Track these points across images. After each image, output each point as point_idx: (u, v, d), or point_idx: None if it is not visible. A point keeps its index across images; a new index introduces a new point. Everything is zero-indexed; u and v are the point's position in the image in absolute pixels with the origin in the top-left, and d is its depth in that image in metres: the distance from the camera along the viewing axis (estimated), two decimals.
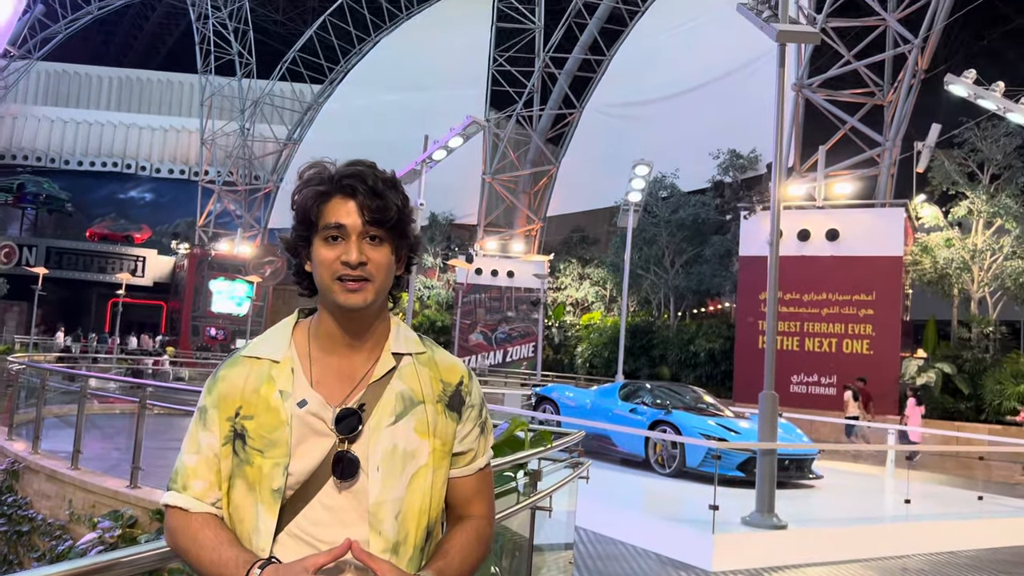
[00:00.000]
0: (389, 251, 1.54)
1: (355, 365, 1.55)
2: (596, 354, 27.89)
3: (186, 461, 1.52)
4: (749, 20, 9.71)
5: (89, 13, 44.64)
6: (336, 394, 1.52)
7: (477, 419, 1.64)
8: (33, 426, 9.85)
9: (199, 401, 1.55)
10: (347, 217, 1.49)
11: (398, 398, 1.53)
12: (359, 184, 1.50)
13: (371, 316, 1.56)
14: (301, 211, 1.54)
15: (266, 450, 1.47)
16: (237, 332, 37.03)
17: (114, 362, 27.74)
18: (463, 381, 1.63)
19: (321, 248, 1.51)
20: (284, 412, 1.48)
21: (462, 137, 16.53)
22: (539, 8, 37.53)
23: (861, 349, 20.46)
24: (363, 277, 1.49)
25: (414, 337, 1.63)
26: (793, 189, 22.12)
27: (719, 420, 11.56)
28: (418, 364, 1.59)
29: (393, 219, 1.52)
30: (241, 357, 1.57)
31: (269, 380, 1.51)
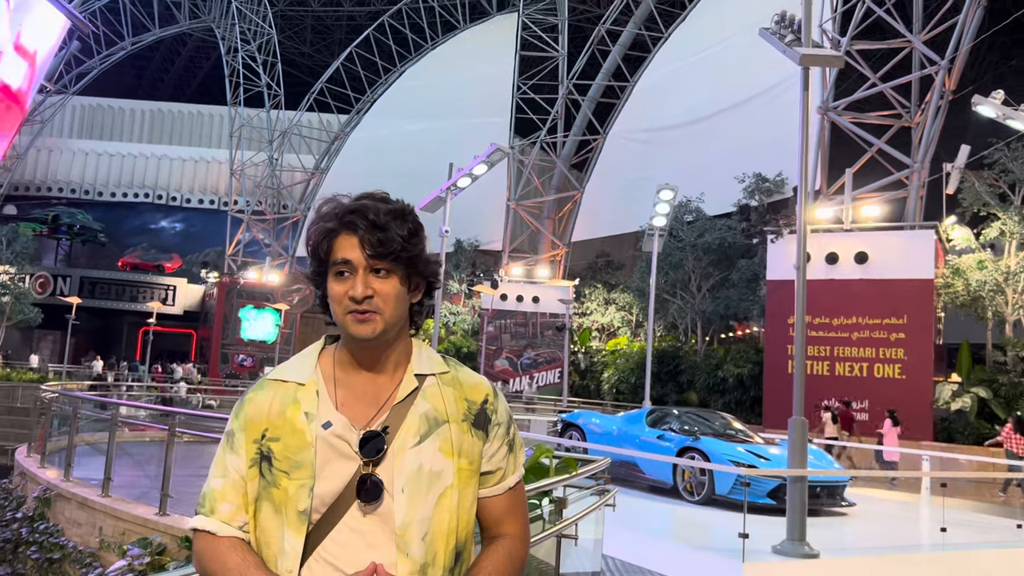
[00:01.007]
0: (398, 282, 1.54)
1: (379, 387, 1.57)
2: (623, 380, 27.70)
3: (213, 485, 1.53)
4: (772, 45, 9.72)
5: (123, 48, 45.82)
6: (360, 416, 1.53)
7: (504, 437, 1.63)
8: (65, 454, 9.97)
9: (227, 425, 1.57)
10: (351, 252, 1.52)
11: (422, 419, 1.54)
12: (359, 219, 1.51)
13: (386, 345, 1.57)
14: (312, 247, 1.57)
15: (292, 472, 1.48)
16: (265, 360, 37.31)
17: (144, 390, 28.04)
18: (488, 399, 1.62)
19: (332, 283, 1.54)
20: (309, 434, 1.49)
21: (486, 165, 16.64)
22: (562, 37, 37.87)
23: (893, 373, 20.14)
24: (371, 310, 1.51)
25: (437, 358, 1.65)
26: (820, 212, 21.96)
27: (748, 447, 11.39)
28: (442, 384, 1.59)
29: (396, 251, 1.52)
30: (267, 380, 1.59)
31: (295, 402, 1.53)
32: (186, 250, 47.21)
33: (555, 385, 31.03)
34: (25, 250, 36.72)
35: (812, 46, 9.02)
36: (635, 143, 34.72)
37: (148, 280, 42.39)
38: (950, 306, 21.26)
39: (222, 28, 45.32)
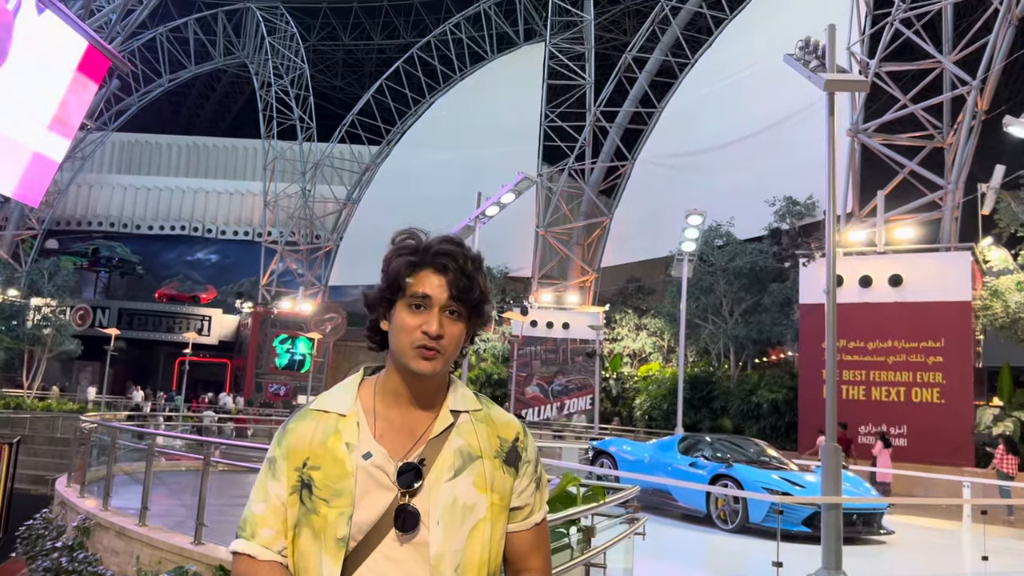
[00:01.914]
0: (464, 327, 1.63)
1: (416, 421, 1.63)
2: (655, 406, 27.48)
3: (255, 509, 1.59)
4: (796, 71, 9.75)
5: (160, 86, 47.05)
6: (398, 448, 1.59)
7: (533, 474, 1.70)
8: (104, 483, 10.14)
9: (269, 452, 1.63)
10: (434, 290, 1.59)
11: (456, 453, 1.60)
12: (451, 263, 1.61)
13: (436, 381, 1.64)
14: (392, 276, 1.63)
15: (331, 499, 1.53)
16: (299, 388, 37.64)
17: (180, 419, 28.41)
18: (519, 437, 1.69)
19: (404, 313, 1.60)
20: (350, 463, 1.55)
21: (514, 193, 16.76)
22: (589, 65, 38.17)
23: (931, 398, 19.75)
24: (437, 348, 1.58)
25: (471, 395, 1.72)
26: (853, 235, 21.75)
27: (783, 474, 11.25)
28: (475, 421, 1.66)
29: (475, 299, 1.63)
30: (310, 411, 1.65)
31: (336, 432, 1.59)
32: (221, 281, 47.98)
33: (586, 412, 30.89)
34: (66, 283, 37.62)
35: (838, 70, 9.03)
36: (663, 168, 34.74)
37: (184, 311, 43.09)
38: (989, 328, 20.83)
39: (256, 63, 46.40)
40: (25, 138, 14.42)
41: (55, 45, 13.93)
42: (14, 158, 13.87)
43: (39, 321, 33.92)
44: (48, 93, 13.12)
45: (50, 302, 35.29)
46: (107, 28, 19.53)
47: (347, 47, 50.75)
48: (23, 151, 13.94)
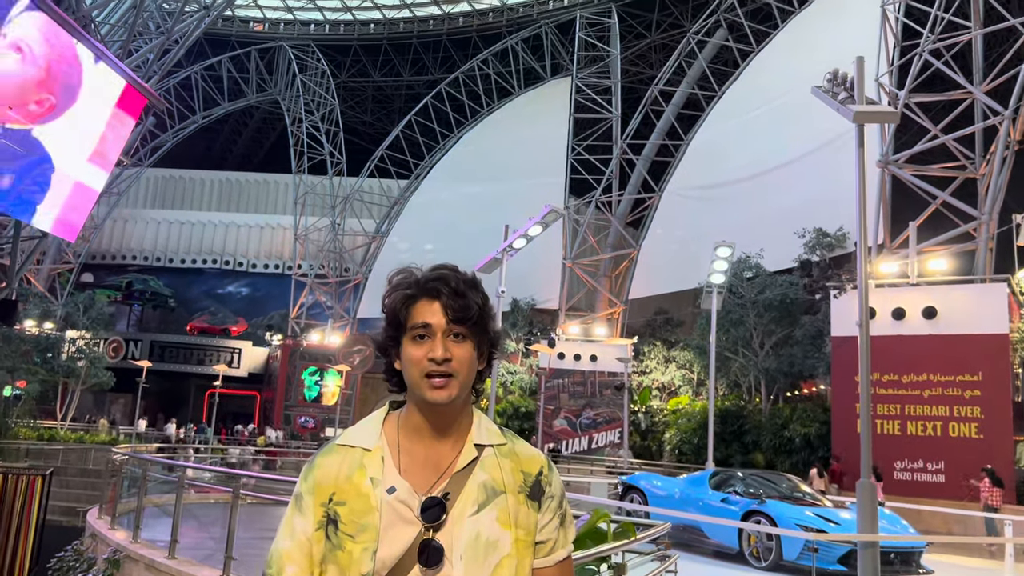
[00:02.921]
0: (472, 347, 1.62)
1: (440, 455, 1.62)
2: (685, 440, 27.13)
3: (281, 546, 1.59)
4: (825, 103, 9.73)
5: (194, 122, 48.12)
6: (422, 483, 1.58)
7: (557, 510, 1.67)
8: (134, 515, 10.19)
9: (296, 488, 1.63)
10: (432, 317, 1.59)
11: (480, 488, 1.59)
12: (443, 286, 1.60)
13: (455, 410, 1.63)
14: (391, 313, 1.64)
15: (357, 535, 1.53)
16: (327, 421, 37.72)
17: (209, 452, 28.56)
18: (543, 471, 1.67)
19: (409, 347, 1.60)
20: (374, 498, 1.55)
21: (541, 225, 16.80)
22: (615, 98, 38.42)
23: (969, 433, 19.28)
24: (448, 373, 1.57)
25: (495, 429, 1.70)
26: (885, 267, 21.48)
27: (817, 510, 11.01)
28: (499, 455, 1.65)
29: (474, 317, 1.61)
30: (335, 446, 1.65)
31: (361, 468, 1.59)
32: (252, 314, 48.49)
33: (615, 446, 30.56)
34: (100, 316, 38.24)
35: (867, 102, 8.99)
36: (691, 200, 34.69)
37: (215, 343, 43.54)
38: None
39: (287, 100, 47.32)
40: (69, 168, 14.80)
41: (98, 83, 14.35)
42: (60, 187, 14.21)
43: (73, 353, 34.44)
44: (90, 128, 13.47)
45: (84, 335, 35.86)
46: (144, 67, 20.06)
47: (377, 83, 51.61)
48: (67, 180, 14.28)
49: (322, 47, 47.51)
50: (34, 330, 34.97)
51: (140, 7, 18.04)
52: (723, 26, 36.26)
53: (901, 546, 10.43)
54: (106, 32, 18.86)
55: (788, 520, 10.46)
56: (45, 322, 36.40)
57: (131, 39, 18.67)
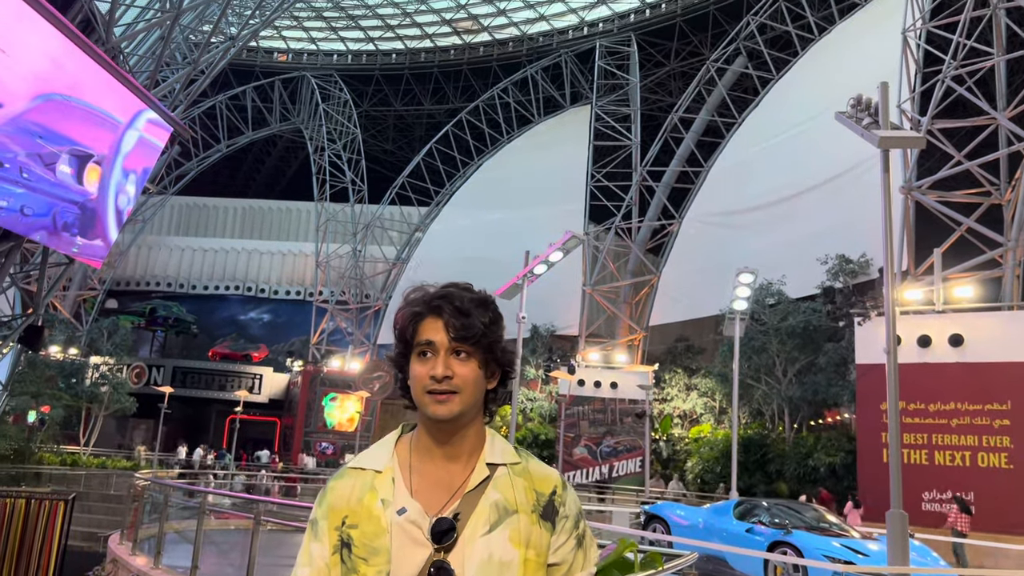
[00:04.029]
0: (476, 366, 1.61)
1: (452, 475, 1.61)
2: (707, 469, 26.80)
3: (300, 573, 1.59)
4: (849, 128, 9.69)
5: (218, 151, 48.82)
6: (434, 503, 1.57)
7: (572, 531, 1.63)
8: (155, 541, 10.20)
9: (312, 513, 1.64)
10: (435, 334, 1.60)
11: (493, 507, 1.57)
12: (446, 304, 1.61)
13: (462, 427, 1.62)
14: (400, 330, 1.66)
15: (369, 558, 1.52)
16: (347, 447, 37.68)
17: (231, 478, 28.58)
18: (556, 491, 1.64)
19: (415, 363, 1.61)
20: (385, 520, 1.55)
21: (562, 252, 16.82)
22: (635, 126, 38.57)
23: (999, 463, 18.88)
24: (450, 390, 1.57)
25: (509, 449, 1.68)
26: (909, 294, 21.23)
27: (844, 541, 10.81)
28: (513, 474, 1.63)
29: (476, 335, 1.60)
30: (348, 469, 1.66)
31: (372, 490, 1.59)
32: (273, 340, 48.74)
33: (636, 474, 30.22)
34: (124, 342, 38.62)
35: (891, 128, 8.95)
36: (712, 227, 34.60)
37: (236, 369, 43.75)
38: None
39: (310, 129, 47.93)
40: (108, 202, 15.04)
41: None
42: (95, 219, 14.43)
43: (97, 379, 34.74)
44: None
45: (108, 360, 36.19)
46: (170, 97, 20.42)
47: (398, 112, 52.18)
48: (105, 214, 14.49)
49: (345, 77, 48.18)
50: (59, 356, 35.35)
51: (168, 38, 18.40)
52: (743, 54, 36.37)
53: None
54: (134, 63, 19.23)
55: (815, 551, 10.27)
56: (70, 348, 36.80)
57: (158, 70, 19.02)
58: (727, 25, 38.16)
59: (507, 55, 47.17)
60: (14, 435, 28.99)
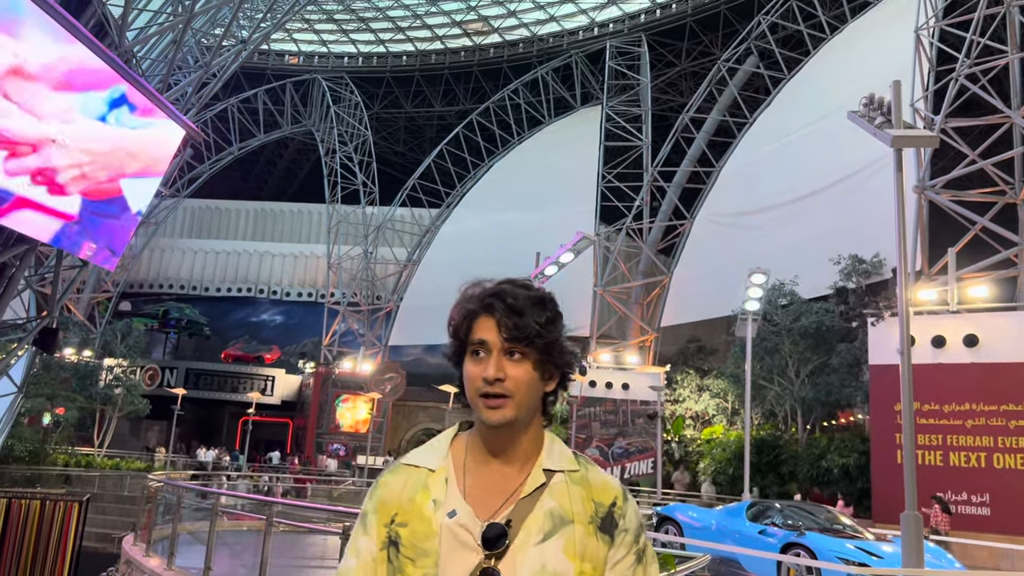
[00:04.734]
0: (530, 367, 1.53)
1: (507, 479, 1.55)
2: (720, 470, 26.69)
3: (347, 565, 1.55)
4: (861, 127, 9.63)
5: (231, 153, 49.05)
6: (486, 507, 1.51)
7: (632, 545, 1.56)
8: (169, 542, 10.24)
9: (362, 506, 1.59)
10: (488, 334, 1.52)
11: (547, 516, 1.50)
12: (498, 302, 1.53)
13: (516, 432, 1.55)
14: (453, 328, 1.58)
15: (417, 559, 1.47)
16: (358, 448, 37.75)
17: (241, 479, 28.69)
18: (616, 502, 1.57)
19: (468, 363, 1.55)
20: (435, 522, 1.49)
21: (573, 253, 16.83)
22: (646, 127, 38.48)
23: (1015, 464, 18.71)
24: (501, 393, 1.50)
25: (568, 454, 1.61)
26: (923, 294, 21.08)
27: (858, 543, 10.74)
28: (570, 482, 1.56)
29: (530, 336, 1.52)
30: (401, 465, 1.60)
31: (424, 488, 1.53)
32: (285, 341, 48.90)
33: (648, 476, 30.14)
34: (137, 344, 38.85)
35: (904, 127, 8.88)
36: (723, 227, 34.46)
37: (249, 371, 43.93)
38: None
39: (321, 131, 48.10)
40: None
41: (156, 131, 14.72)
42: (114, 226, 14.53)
43: (111, 381, 34.96)
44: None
45: (122, 362, 36.41)
46: (183, 100, 20.52)
47: (409, 114, 52.30)
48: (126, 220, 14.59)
49: (355, 79, 48.34)
50: (73, 358, 35.59)
51: (180, 42, 18.50)
52: (754, 53, 36.24)
53: None
54: (147, 67, 19.35)
55: (828, 553, 10.20)
56: (84, 350, 37.05)
57: (171, 73, 19.13)
58: (738, 24, 38.06)
59: (517, 56, 47.21)
60: (29, 437, 29.23)
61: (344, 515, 9.33)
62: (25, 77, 11.81)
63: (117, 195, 15.10)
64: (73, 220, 14.07)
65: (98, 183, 14.35)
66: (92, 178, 14.05)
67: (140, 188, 16.01)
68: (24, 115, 11.96)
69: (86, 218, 14.45)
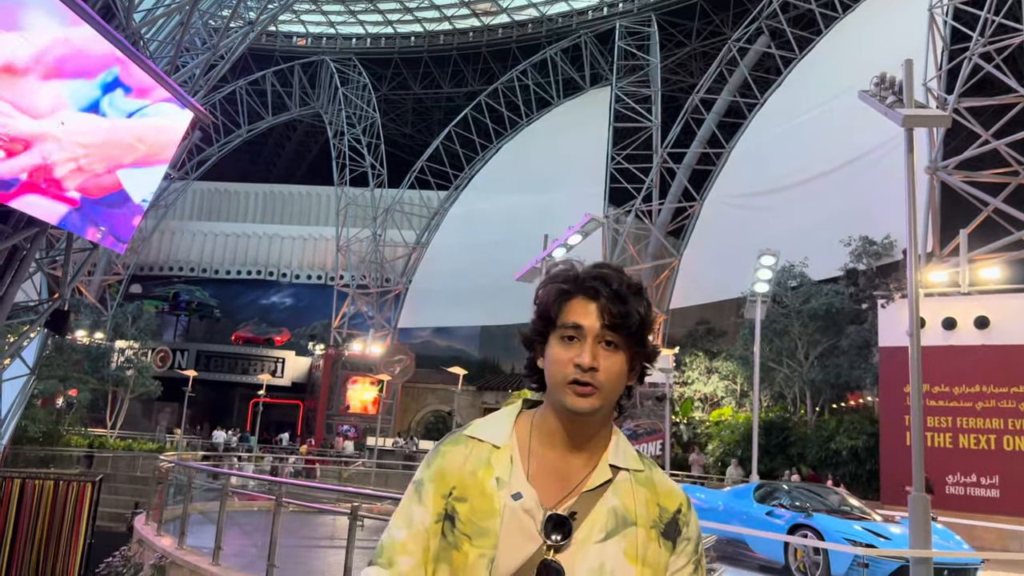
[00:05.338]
0: (624, 359, 1.47)
1: (572, 469, 1.48)
2: (728, 452, 26.72)
3: (395, 535, 1.45)
4: (872, 107, 9.53)
5: (239, 136, 49.07)
6: (550, 495, 1.45)
7: (692, 555, 1.51)
8: (180, 522, 10.35)
9: (416, 474, 1.51)
10: (586, 318, 1.45)
11: (610, 514, 1.45)
12: (603, 287, 1.46)
13: (595, 423, 1.49)
14: (543, 306, 1.51)
15: (475, 538, 1.40)
16: (368, 430, 37.97)
17: (253, 460, 28.92)
18: (681, 509, 1.52)
19: (556, 347, 1.47)
20: (498, 501, 1.42)
21: (581, 234, 16.78)
22: (655, 107, 38.22)
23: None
24: (593, 383, 1.43)
25: (633, 453, 1.56)
26: (934, 275, 20.96)
27: (866, 524, 10.74)
28: (635, 482, 1.50)
29: (633, 327, 1.46)
30: (463, 436, 1.52)
31: (488, 465, 1.46)
32: (295, 324, 49.12)
33: (657, 458, 30.19)
34: (148, 326, 39.10)
35: (915, 106, 8.78)
36: (733, 208, 34.29)
37: (259, 353, 44.17)
38: None
39: (330, 113, 48.01)
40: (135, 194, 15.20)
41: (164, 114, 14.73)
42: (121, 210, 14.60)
43: (122, 363, 35.22)
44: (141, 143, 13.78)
45: (133, 344, 36.66)
46: (191, 82, 20.50)
47: (417, 96, 52.11)
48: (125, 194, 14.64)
49: (363, 60, 48.15)
50: (85, 340, 35.85)
51: (187, 24, 18.44)
52: (765, 33, 35.88)
53: (955, 563, 10.11)
54: (154, 48, 19.31)
55: (836, 534, 10.21)
56: (96, 332, 37.30)
57: (178, 55, 19.09)
58: (749, 4, 37.62)
59: (526, 36, 46.86)
60: (43, 418, 29.51)
61: (352, 495, 9.39)
62: (15, 73, 11.79)
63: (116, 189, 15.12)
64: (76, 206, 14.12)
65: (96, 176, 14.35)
66: (89, 171, 14.05)
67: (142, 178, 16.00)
68: (15, 112, 11.96)
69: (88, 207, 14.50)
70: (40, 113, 12.59)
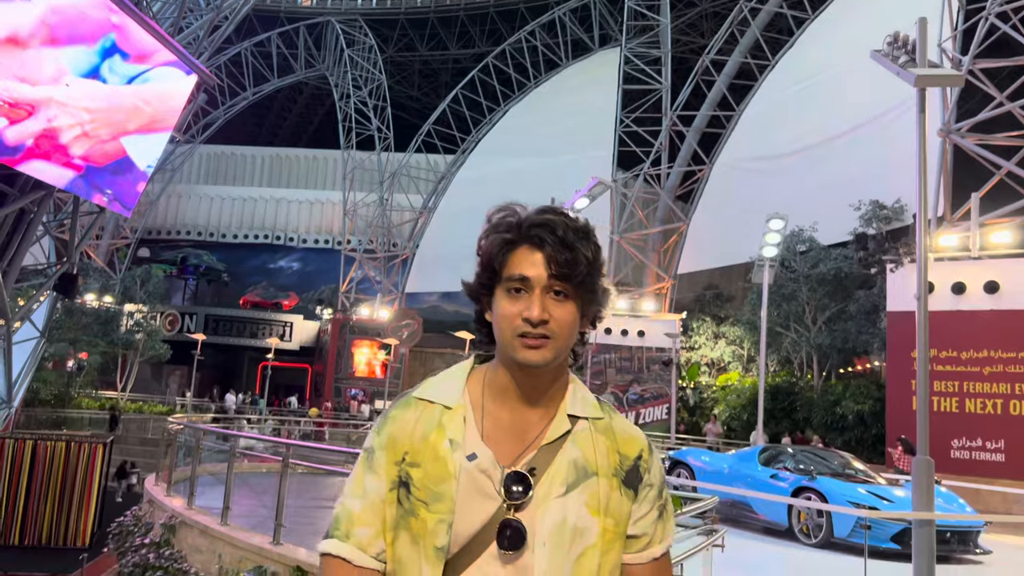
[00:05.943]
0: (575, 307, 1.41)
1: (528, 423, 1.43)
2: (734, 416, 26.84)
3: (349, 506, 1.42)
4: (884, 67, 9.35)
5: (244, 99, 48.74)
6: (506, 453, 1.40)
7: (655, 500, 1.48)
8: (189, 483, 10.47)
9: (366, 441, 1.46)
10: (532, 269, 1.39)
11: (570, 466, 1.40)
12: (548, 235, 1.39)
13: (549, 375, 1.44)
14: (486, 258, 1.45)
15: (431, 503, 1.36)
16: (376, 394, 38.25)
17: (261, 423, 29.21)
18: (642, 455, 1.47)
19: (503, 300, 1.41)
20: (452, 464, 1.38)
21: (588, 198, 16.67)
22: (665, 69, 37.70)
23: None
24: (544, 335, 1.37)
25: (592, 400, 1.50)
26: (944, 240, 20.77)
27: (870, 487, 10.79)
28: (595, 431, 1.45)
29: (581, 274, 1.39)
30: (413, 399, 1.47)
31: (439, 427, 1.41)
32: (302, 288, 49.27)
33: (663, 422, 30.37)
34: (156, 290, 39.29)
35: (929, 66, 8.62)
36: (743, 172, 33.99)
37: (267, 317, 44.39)
38: None
39: (335, 76, 47.57)
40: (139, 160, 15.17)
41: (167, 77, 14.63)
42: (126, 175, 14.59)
43: (132, 326, 35.46)
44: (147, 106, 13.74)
45: (142, 308, 36.89)
46: (195, 44, 20.30)
47: (423, 57, 51.55)
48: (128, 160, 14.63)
49: (369, 22, 47.58)
50: (94, 303, 36.06)
51: None
52: None
53: (958, 525, 10.16)
54: (158, 9, 19.10)
55: (839, 497, 10.27)
56: (104, 296, 37.51)
57: (182, 16, 18.88)
58: None
59: None
60: (54, 381, 29.82)
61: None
62: (18, 42, 11.70)
63: (121, 156, 15.08)
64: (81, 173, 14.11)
65: (101, 142, 14.31)
66: (95, 136, 14.02)
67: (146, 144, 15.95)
68: (17, 81, 11.89)
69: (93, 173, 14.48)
70: (42, 79, 12.53)
